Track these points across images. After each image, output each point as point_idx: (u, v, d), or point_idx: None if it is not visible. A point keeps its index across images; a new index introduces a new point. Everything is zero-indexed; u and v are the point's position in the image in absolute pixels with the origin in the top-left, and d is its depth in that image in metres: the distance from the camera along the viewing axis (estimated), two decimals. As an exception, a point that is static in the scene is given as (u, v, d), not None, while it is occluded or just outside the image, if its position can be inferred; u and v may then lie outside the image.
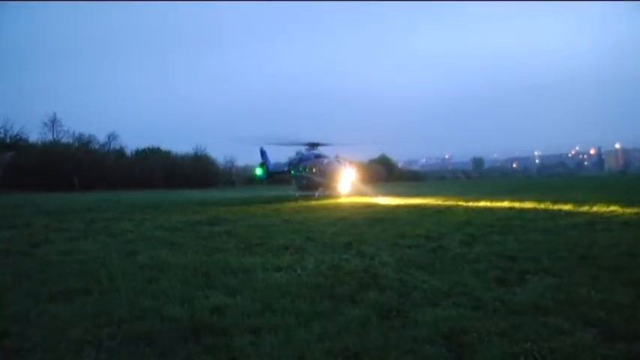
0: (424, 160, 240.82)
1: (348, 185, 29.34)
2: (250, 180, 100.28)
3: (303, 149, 31.60)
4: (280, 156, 37.54)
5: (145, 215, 17.99)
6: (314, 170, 29.55)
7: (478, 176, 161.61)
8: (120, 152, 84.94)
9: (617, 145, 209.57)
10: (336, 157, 30.08)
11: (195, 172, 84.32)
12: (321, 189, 29.29)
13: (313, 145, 30.71)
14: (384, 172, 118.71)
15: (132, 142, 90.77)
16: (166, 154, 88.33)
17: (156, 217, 17.35)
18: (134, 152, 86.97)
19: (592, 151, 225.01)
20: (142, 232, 12.88)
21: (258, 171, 35.40)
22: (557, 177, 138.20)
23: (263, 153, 35.81)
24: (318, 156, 30.35)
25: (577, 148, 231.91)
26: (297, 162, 31.45)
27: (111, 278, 6.90)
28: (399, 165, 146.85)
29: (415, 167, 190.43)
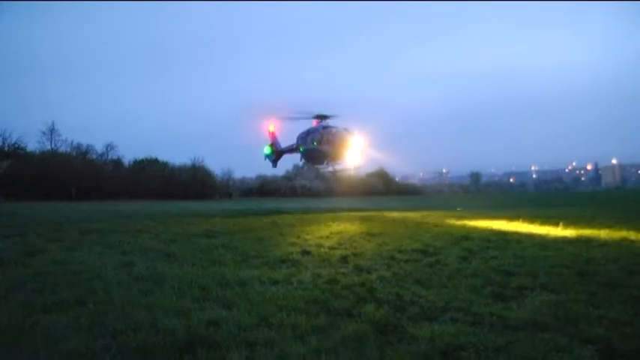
0: (422, 174, 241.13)
1: (356, 156, 29.06)
2: (247, 193, 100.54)
3: (312, 123, 31.44)
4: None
5: (142, 226, 17.91)
6: (322, 140, 29.38)
7: (476, 190, 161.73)
8: (117, 162, 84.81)
9: (614, 161, 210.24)
10: (344, 128, 29.84)
11: (193, 183, 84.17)
12: (329, 161, 29.06)
13: (322, 118, 30.54)
14: (381, 186, 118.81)
15: (129, 152, 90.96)
16: (163, 165, 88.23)
17: (152, 228, 17.27)
18: (131, 163, 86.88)
19: (589, 167, 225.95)
20: (138, 243, 12.79)
21: (267, 150, 35.29)
22: (554, 192, 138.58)
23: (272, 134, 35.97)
24: (325, 127, 30.26)
25: (574, 163, 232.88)
26: (305, 135, 31.32)
27: (106, 289, 6.85)
28: (397, 179, 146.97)
29: (413, 181, 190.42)
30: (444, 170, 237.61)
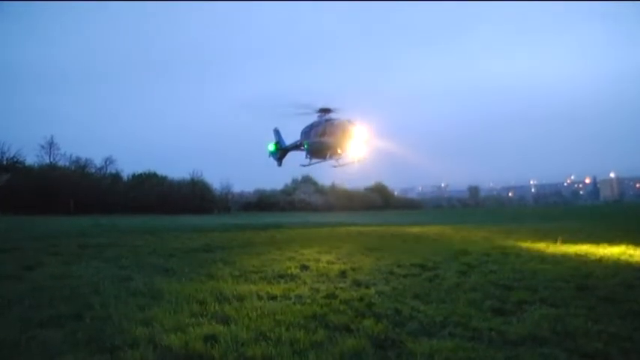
0: (420, 188, 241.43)
1: (360, 147, 28.91)
2: (246, 207, 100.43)
3: (315, 117, 31.45)
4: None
5: (140, 241, 17.86)
6: (325, 132, 29.37)
7: (474, 205, 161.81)
8: (116, 176, 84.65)
9: (612, 174, 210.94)
10: (347, 120, 29.87)
11: (191, 197, 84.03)
12: (332, 154, 28.93)
13: (325, 111, 30.61)
14: (380, 201, 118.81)
15: (128, 166, 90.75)
16: (162, 179, 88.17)
17: (150, 242, 17.23)
18: (130, 177, 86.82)
19: (587, 180, 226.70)
20: (136, 257, 12.76)
21: (271, 147, 35.27)
22: (553, 206, 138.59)
23: (277, 132, 35.98)
24: (328, 119, 30.33)
25: (572, 177, 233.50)
26: (309, 129, 31.35)
27: (103, 304, 6.82)
28: (395, 193, 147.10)
29: (411, 195, 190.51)
30: (442, 184, 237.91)
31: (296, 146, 33.84)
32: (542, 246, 15.33)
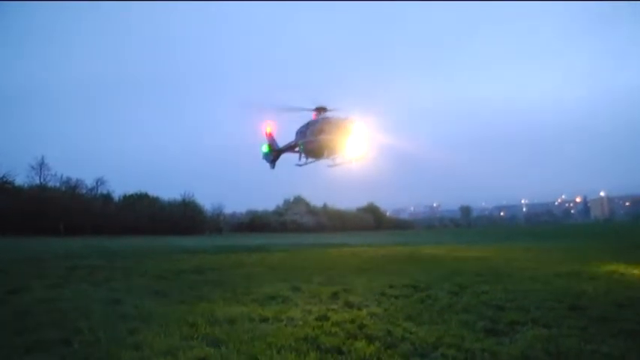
0: (412, 208, 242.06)
1: (358, 145, 28.08)
2: (237, 228, 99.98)
3: (312, 115, 30.82)
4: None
5: (130, 262, 17.67)
6: (321, 130, 28.58)
7: (467, 224, 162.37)
8: (107, 197, 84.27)
9: (602, 194, 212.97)
10: (345, 117, 29.07)
11: (183, 218, 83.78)
12: (329, 153, 28.25)
13: (321, 110, 29.98)
14: (372, 221, 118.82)
15: (119, 187, 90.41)
16: (153, 200, 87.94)
17: (141, 264, 17.04)
18: (121, 198, 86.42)
19: (578, 200, 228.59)
20: (127, 280, 12.61)
21: (265, 148, 34.58)
22: (544, 225, 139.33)
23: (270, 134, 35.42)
24: (324, 117, 29.58)
25: (563, 196, 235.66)
26: (305, 128, 30.57)
27: (92, 328, 6.70)
28: (388, 213, 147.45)
29: (404, 216, 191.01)
30: (434, 204, 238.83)
31: (290, 147, 33.25)
32: (533, 265, 15.37)
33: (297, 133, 31.59)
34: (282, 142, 33.30)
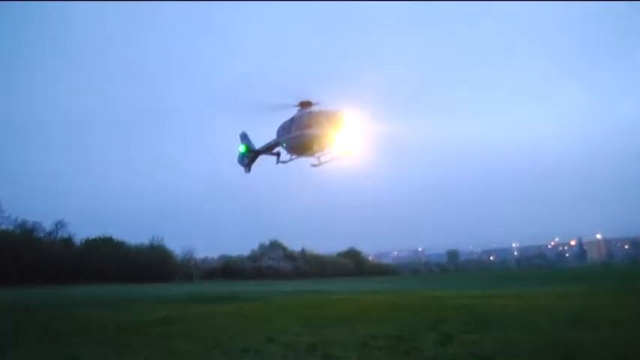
0: (395, 252, 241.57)
1: (348, 139, 27.29)
2: (209, 274, 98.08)
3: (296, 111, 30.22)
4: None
5: (92, 313, 17.21)
6: (308, 124, 27.82)
7: (454, 269, 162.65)
8: (67, 241, 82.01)
9: (599, 236, 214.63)
10: (333, 109, 28.42)
11: (151, 264, 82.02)
12: (317, 148, 27.42)
13: (306, 105, 29.36)
14: (353, 267, 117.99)
15: (81, 230, 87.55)
16: (119, 245, 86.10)
17: (104, 315, 16.61)
18: (83, 242, 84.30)
19: (573, 242, 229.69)
20: (87, 332, 12.27)
21: (242, 148, 33.70)
22: (536, 269, 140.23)
23: (244, 136, 34.55)
24: (310, 111, 28.95)
25: (557, 239, 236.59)
26: (289, 124, 29.81)
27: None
28: (370, 258, 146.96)
29: (386, 260, 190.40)
30: (419, 248, 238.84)
31: (270, 147, 32.62)
32: (525, 312, 15.43)
33: (279, 131, 30.88)
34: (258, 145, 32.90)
